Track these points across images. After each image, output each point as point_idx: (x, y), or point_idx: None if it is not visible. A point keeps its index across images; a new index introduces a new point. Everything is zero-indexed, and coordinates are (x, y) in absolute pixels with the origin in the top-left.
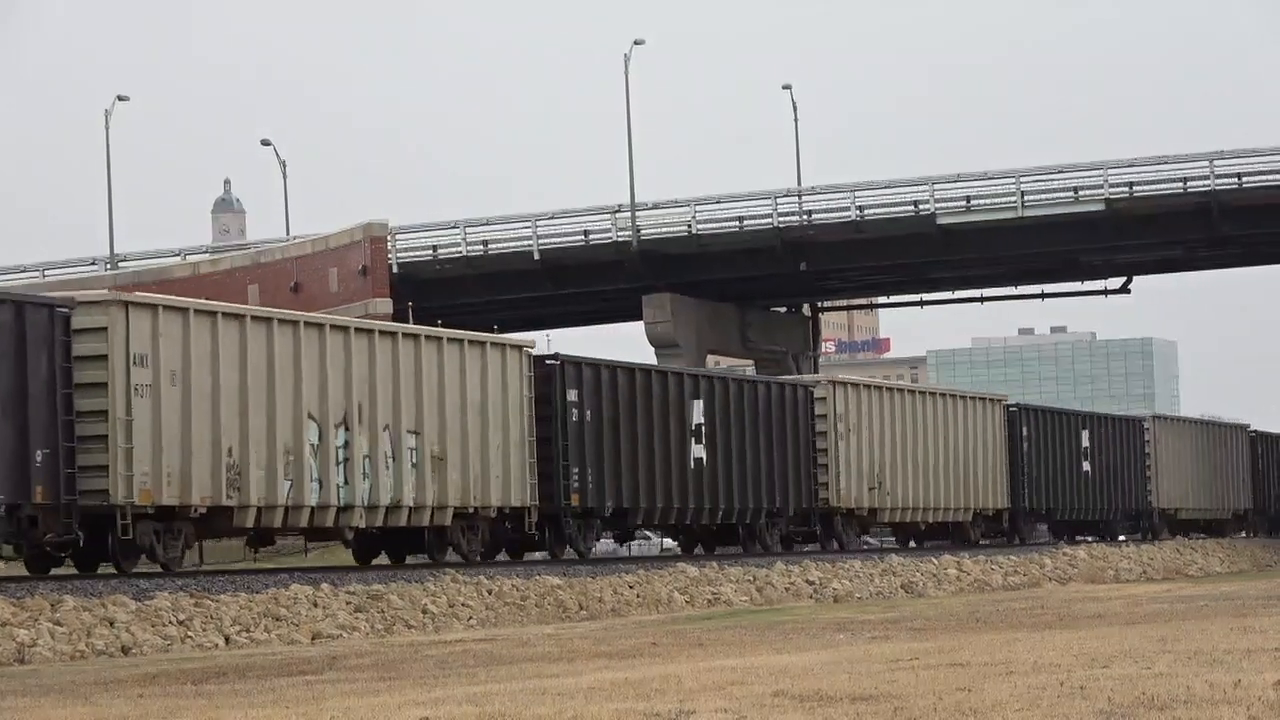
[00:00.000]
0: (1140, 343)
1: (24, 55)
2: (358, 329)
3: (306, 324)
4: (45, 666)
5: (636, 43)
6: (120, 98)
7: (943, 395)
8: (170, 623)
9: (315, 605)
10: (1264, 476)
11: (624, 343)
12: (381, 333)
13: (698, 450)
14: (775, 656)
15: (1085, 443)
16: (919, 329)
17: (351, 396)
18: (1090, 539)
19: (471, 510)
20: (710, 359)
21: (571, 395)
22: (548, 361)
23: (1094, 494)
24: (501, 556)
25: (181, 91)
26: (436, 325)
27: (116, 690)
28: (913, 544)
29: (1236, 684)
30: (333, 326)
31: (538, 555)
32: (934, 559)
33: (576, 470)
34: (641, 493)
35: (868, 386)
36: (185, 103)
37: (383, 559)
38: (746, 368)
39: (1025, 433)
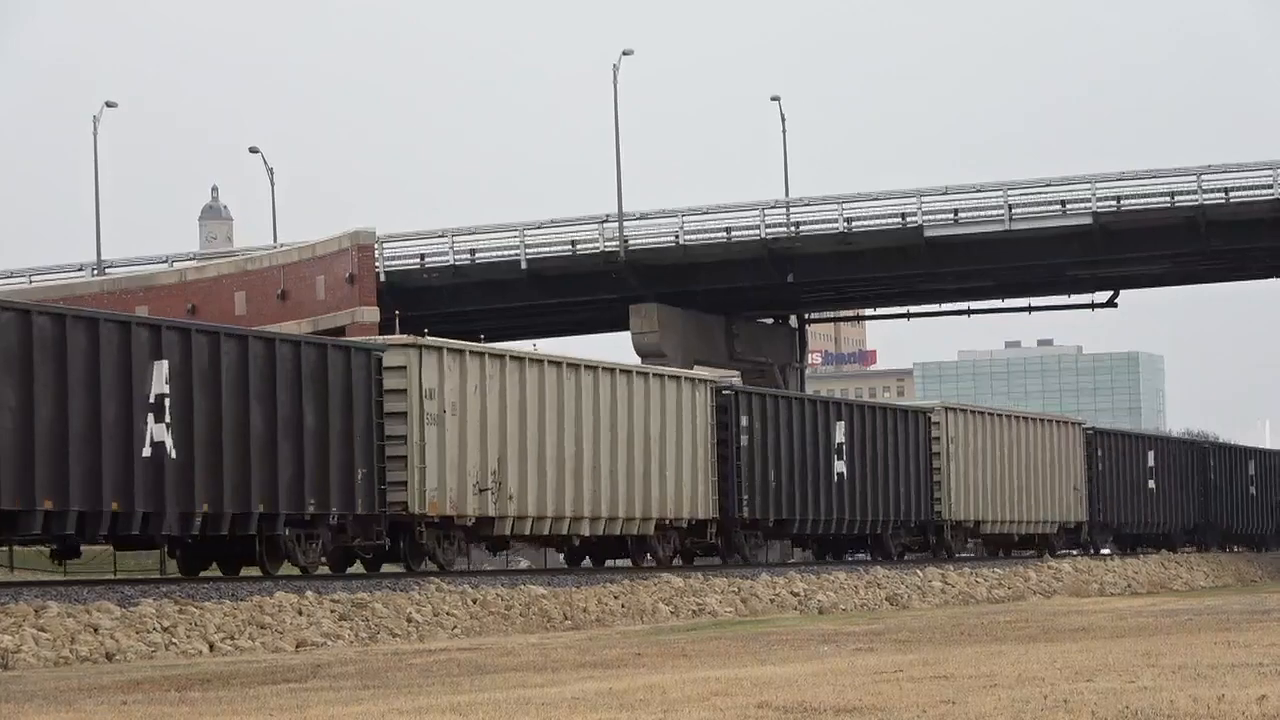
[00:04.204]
0: (1127, 356)
1: (12, 61)
2: None
3: None
4: (29, 673)
5: (625, 53)
6: (108, 104)
7: (609, 370)
8: (155, 629)
9: (300, 613)
10: (1103, 482)
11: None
12: None
13: (159, 432)
14: (759, 668)
15: (840, 438)
16: (906, 341)
17: None
18: (864, 557)
19: None
20: (697, 369)
21: None
22: None
23: (852, 502)
24: None
25: (169, 99)
26: (424, 334)
27: (100, 697)
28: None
29: (1220, 698)
30: None
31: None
32: (919, 571)
33: None
34: (43, 489)
35: (476, 354)
36: (173, 110)
37: None
38: (733, 378)
39: (745, 423)
